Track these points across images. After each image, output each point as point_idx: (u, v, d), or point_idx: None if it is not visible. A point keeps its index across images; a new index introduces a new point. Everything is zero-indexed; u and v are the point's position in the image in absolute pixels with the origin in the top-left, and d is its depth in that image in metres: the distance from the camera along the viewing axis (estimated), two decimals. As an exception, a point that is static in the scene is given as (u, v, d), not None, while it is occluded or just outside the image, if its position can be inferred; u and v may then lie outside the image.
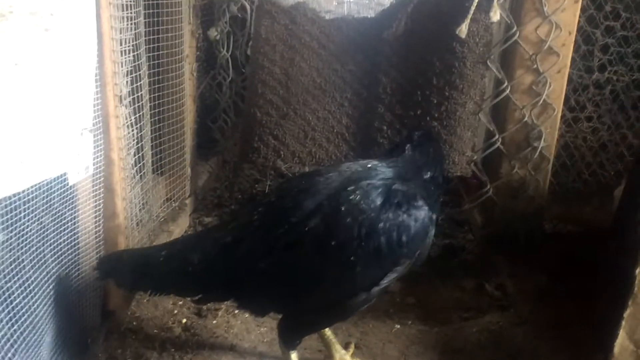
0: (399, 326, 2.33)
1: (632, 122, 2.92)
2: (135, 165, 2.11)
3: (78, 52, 1.67)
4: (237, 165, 3.10)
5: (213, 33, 2.88)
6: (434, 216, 1.79)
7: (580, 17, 2.51)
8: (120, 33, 1.81)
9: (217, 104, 3.12)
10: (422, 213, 1.69)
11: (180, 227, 2.77)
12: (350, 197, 1.65)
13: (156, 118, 2.55)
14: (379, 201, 1.65)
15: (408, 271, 2.66)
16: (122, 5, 1.83)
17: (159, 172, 2.71)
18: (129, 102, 1.93)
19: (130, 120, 1.93)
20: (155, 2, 2.37)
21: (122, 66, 1.82)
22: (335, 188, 1.70)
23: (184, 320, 2.26)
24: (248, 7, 2.73)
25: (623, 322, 1.79)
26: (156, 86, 2.50)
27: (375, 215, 1.63)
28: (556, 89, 2.53)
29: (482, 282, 2.57)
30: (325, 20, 2.63)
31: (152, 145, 2.56)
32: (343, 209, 1.64)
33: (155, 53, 2.45)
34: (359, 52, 2.63)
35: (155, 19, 2.40)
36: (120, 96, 1.82)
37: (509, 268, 2.59)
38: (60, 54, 1.58)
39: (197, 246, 1.75)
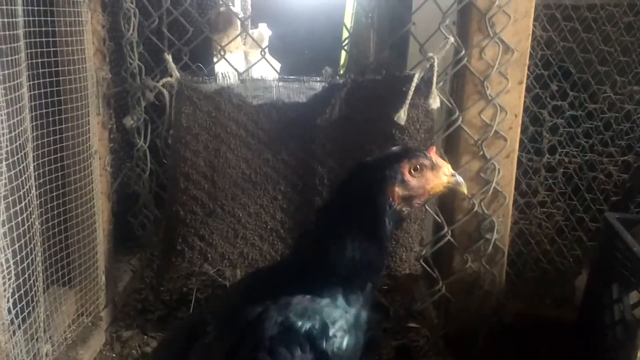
0: None
1: (588, 205, 2.73)
2: (22, 300, 1.75)
3: None
4: (160, 268, 2.75)
5: (129, 121, 2.56)
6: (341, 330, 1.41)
7: (525, 97, 2.33)
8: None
9: (138, 195, 2.78)
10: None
11: (92, 349, 2.38)
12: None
13: (61, 228, 2.22)
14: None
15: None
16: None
17: (68, 285, 2.34)
18: (5, 235, 1.59)
19: (6, 255, 1.57)
20: (52, 99, 2.07)
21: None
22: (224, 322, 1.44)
23: None
24: (166, 93, 2.42)
25: None
26: (56, 193, 2.17)
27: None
28: (506, 175, 2.33)
29: (440, 396, 2.29)
30: (252, 106, 2.36)
31: (57, 259, 2.22)
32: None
33: (52, 157, 2.13)
34: (292, 139, 2.37)
35: (52, 119, 2.09)
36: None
37: (468, 377, 2.32)
38: None
39: None
